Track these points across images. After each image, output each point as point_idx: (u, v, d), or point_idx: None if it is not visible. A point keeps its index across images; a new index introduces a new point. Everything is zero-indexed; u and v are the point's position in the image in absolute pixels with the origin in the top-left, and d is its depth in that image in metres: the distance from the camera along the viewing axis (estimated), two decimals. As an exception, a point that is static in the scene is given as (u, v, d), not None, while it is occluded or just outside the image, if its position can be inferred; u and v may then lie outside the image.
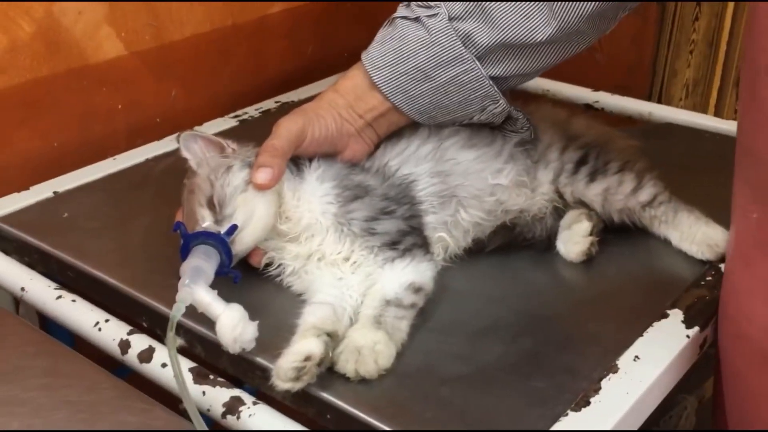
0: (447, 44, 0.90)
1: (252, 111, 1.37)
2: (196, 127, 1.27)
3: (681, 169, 1.05)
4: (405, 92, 0.93)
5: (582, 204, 0.99)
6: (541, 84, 1.45)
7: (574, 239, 0.96)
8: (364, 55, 0.94)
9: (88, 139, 1.25)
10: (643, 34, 1.49)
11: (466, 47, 0.90)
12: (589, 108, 1.40)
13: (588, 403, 0.73)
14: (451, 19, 0.90)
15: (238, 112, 1.36)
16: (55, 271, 0.97)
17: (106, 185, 1.14)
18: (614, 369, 0.78)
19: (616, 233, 0.98)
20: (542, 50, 0.91)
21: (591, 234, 0.95)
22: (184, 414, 0.72)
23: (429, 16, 0.90)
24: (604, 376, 0.77)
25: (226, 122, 1.33)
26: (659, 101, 1.55)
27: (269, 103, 1.41)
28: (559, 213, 1.00)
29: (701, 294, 0.88)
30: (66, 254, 0.97)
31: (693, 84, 1.60)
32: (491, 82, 0.92)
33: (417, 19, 0.91)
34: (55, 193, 1.11)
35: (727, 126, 1.27)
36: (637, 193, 0.98)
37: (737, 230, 0.81)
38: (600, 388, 0.75)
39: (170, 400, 0.77)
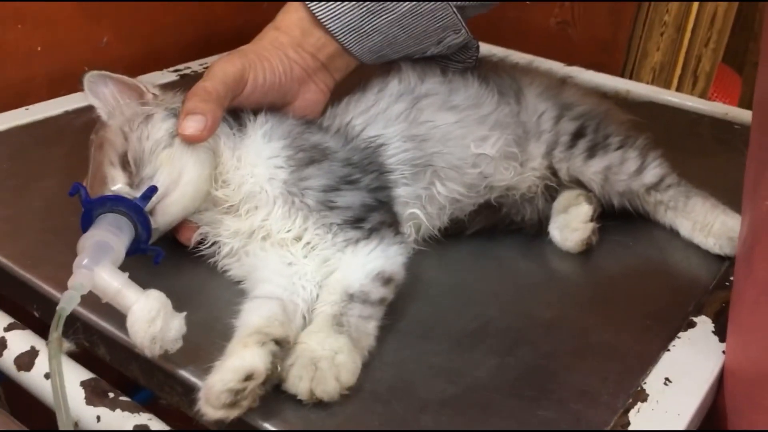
0: None
1: (196, 66, 1.08)
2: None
3: (675, 151, 0.81)
4: (355, 29, 0.69)
5: (578, 184, 0.75)
6: (511, 57, 1.19)
7: (572, 225, 0.71)
8: None
9: (-3, 85, 0.94)
10: (620, 9, 1.24)
11: None
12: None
13: (617, 447, 0.49)
14: None
15: (180, 66, 1.07)
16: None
17: (11, 139, 0.84)
18: (642, 396, 0.53)
19: (614, 220, 0.74)
20: None
21: (591, 219, 0.71)
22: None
23: None
24: (631, 406, 0.53)
25: (165, 76, 1.04)
26: (629, 81, 1.32)
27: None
28: (550, 193, 0.75)
29: (729, 298, 0.64)
30: (-59, 220, 0.68)
31: (660, 68, 1.38)
32: (456, 10, 0.70)
33: None
34: (-56, 144, 0.81)
35: (716, 108, 1.04)
36: (642, 173, 0.74)
37: (748, 224, 0.58)
38: (628, 423, 0.51)
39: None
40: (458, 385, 0.54)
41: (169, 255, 0.59)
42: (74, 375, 0.53)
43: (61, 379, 0.45)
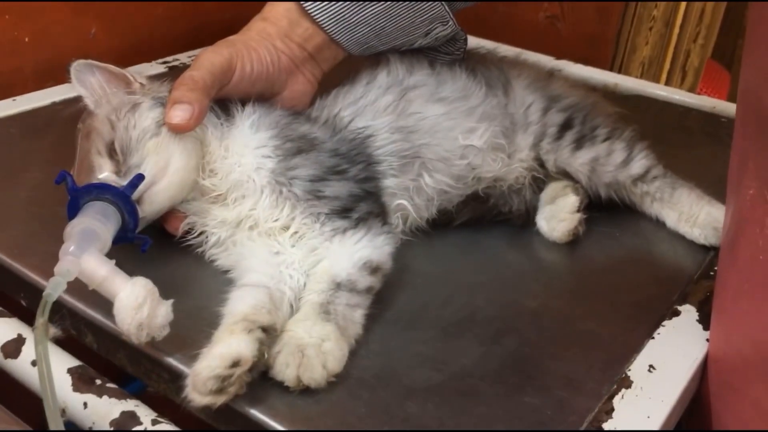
0: None
1: (184, 58, 1.08)
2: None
3: (662, 143, 0.81)
4: (343, 20, 0.69)
5: (565, 175, 0.75)
6: (499, 50, 1.20)
7: (559, 215, 0.72)
8: None
9: (-17, 75, 0.94)
10: (609, 4, 1.25)
11: None
12: (550, 77, 1.15)
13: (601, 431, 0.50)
14: None
15: (168, 58, 1.07)
16: None
17: (-2, 129, 0.84)
18: (626, 382, 0.54)
19: (601, 211, 0.75)
20: None
21: (578, 210, 0.72)
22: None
23: None
24: (615, 392, 0.53)
25: (153, 68, 1.04)
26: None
27: (204, 52, 1.11)
28: (538, 185, 0.76)
29: (714, 287, 0.65)
30: (-72, 209, 0.68)
31: (648, 62, 1.39)
32: (443, 2, 0.70)
33: None
34: (-70, 134, 0.81)
35: (704, 102, 1.05)
36: (629, 165, 0.74)
37: (732, 214, 0.59)
38: (612, 409, 0.52)
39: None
40: (444, 372, 0.55)
41: (157, 244, 0.59)
42: (61, 362, 0.53)
43: (47, 365, 0.46)
